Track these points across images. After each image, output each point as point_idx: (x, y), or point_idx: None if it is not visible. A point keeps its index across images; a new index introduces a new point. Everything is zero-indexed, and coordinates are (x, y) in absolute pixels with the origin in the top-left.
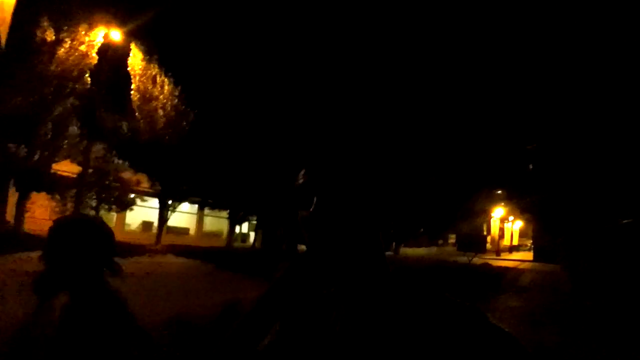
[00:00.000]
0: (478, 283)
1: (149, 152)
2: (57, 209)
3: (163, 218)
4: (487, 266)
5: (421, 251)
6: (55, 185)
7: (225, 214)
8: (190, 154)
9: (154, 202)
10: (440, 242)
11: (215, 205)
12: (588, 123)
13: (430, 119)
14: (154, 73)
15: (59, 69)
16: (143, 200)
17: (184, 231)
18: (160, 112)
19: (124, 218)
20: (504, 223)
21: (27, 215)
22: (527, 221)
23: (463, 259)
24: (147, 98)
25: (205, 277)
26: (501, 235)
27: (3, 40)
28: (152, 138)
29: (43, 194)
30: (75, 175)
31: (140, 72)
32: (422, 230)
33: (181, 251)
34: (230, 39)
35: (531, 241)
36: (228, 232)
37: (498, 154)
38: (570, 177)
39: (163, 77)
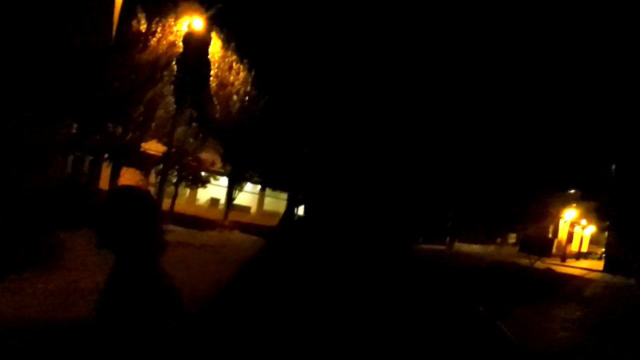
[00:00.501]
0: (537, 289)
1: (223, 134)
2: (142, 182)
3: (231, 196)
4: (550, 272)
5: (477, 248)
6: (143, 162)
7: (283, 195)
8: (259, 137)
9: (222, 181)
10: (499, 240)
11: (277, 187)
12: None
13: (494, 111)
14: (231, 60)
15: (151, 57)
16: (215, 179)
17: (246, 209)
18: (235, 97)
19: (195, 194)
20: (574, 227)
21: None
22: (601, 227)
23: (524, 261)
24: (224, 84)
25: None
26: (569, 240)
27: (113, 34)
28: (227, 121)
29: (132, 169)
30: (159, 154)
31: (219, 59)
32: (479, 227)
33: (246, 228)
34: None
35: (602, 249)
36: (287, 213)
37: (575, 150)
38: None
39: (239, 64)
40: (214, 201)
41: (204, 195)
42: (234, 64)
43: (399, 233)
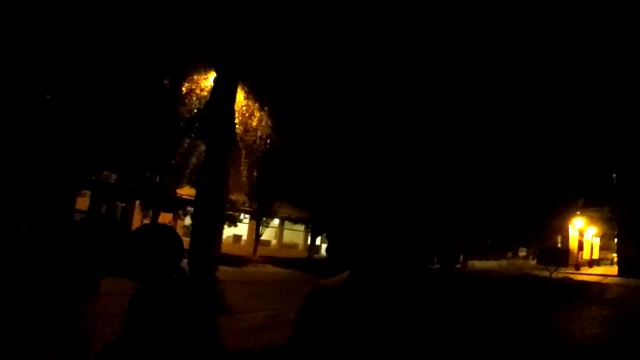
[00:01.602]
0: (563, 296)
1: (250, 175)
2: (172, 224)
3: (258, 233)
4: (569, 280)
5: (490, 264)
6: (178, 205)
7: (299, 227)
8: (280, 177)
9: (245, 219)
10: (509, 255)
11: (297, 221)
12: None
13: (501, 124)
14: (252, 108)
15: (184, 112)
16: (244, 217)
17: (267, 243)
18: (258, 142)
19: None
20: (583, 235)
21: None
22: (609, 233)
23: (544, 272)
24: (247, 129)
25: (308, 283)
26: (580, 248)
27: None
28: (252, 164)
29: (165, 213)
30: (192, 198)
31: (242, 108)
32: (489, 242)
33: (275, 261)
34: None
35: (614, 254)
36: (309, 244)
37: (578, 161)
38: None
39: (260, 112)
40: (236, 237)
41: (226, 232)
42: (255, 112)
43: (415, 253)
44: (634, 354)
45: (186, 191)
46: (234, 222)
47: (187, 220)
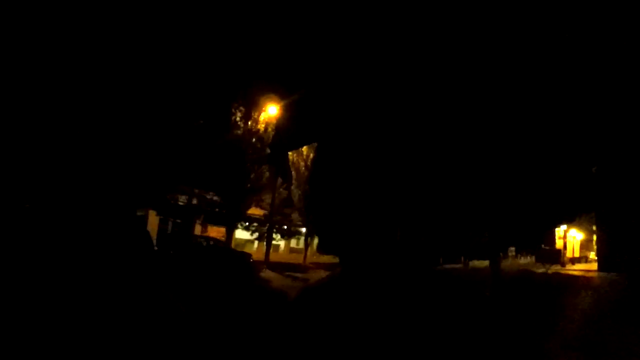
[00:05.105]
0: (562, 286)
1: (300, 196)
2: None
3: (307, 244)
4: (559, 275)
5: (486, 263)
6: (248, 222)
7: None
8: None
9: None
10: (501, 254)
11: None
12: None
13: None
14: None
15: (250, 150)
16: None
17: (301, 251)
18: (304, 165)
19: (262, 243)
20: (566, 236)
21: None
22: (588, 233)
23: (540, 269)
24: (299, 154)
25: None
26: (564, 248)
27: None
28: (302, 185)
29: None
30: (258, 216)
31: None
32: (484, 243)
33: (325, 267)
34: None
35: (591, 253)
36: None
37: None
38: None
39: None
40: (275, 247)
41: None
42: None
43: (425, 255)
44: (612, 326)
45: (253, 210)
46: (292, 235)
47: (240, 234)
